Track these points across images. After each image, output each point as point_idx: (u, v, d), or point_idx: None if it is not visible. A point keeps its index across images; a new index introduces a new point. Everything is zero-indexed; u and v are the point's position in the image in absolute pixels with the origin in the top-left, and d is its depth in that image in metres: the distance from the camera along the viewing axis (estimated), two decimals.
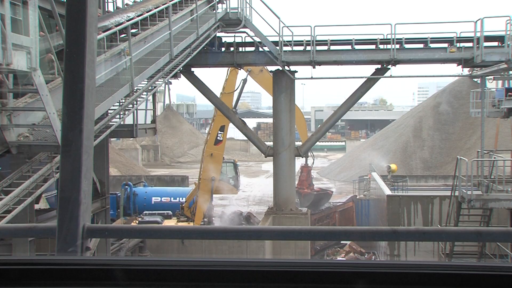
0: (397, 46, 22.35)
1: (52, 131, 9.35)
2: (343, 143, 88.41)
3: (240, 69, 26.12)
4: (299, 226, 2.66)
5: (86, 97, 2.57)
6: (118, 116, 12.95)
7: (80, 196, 2.52)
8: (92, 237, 2.56)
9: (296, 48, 23.26)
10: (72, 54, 2.58)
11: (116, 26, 13.63)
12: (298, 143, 26.07)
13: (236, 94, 27.40)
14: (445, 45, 22.49)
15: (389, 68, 23.17)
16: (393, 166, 41.24)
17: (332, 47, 23.12)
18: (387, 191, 27.48)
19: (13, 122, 9.59)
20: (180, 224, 27.54)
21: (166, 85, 73.58)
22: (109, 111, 12.65)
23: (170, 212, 28.74)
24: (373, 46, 23.00)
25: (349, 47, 23.05)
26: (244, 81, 27.05)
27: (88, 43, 2.58)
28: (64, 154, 2.59)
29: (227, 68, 26.68)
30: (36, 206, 15.66)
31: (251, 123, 66.51)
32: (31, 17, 8.02)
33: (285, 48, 23.06)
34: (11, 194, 9.43)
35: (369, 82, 23.84)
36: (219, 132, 27.99)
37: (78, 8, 2.56)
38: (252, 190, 49.74)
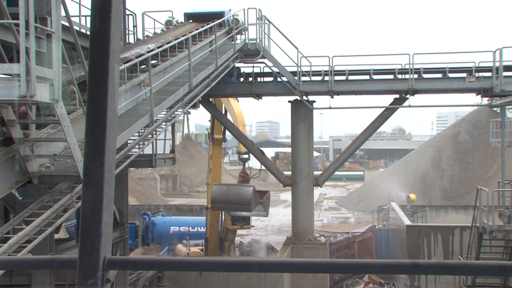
0: (415, 76, 22.33)
1: (72, 162, 9.44)
2: (362, 173, 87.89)
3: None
4: (319, 259, 2.63)
5: (108, 129, 2.60)
6: (137, 146, 13.04)
7: (101, 228, 2.53)
8: (113, 269, 2.56)
9: (314, 78, 23.35)
10: (95, 88, 2.61)
11: (137, 57, 13.83)
12: (317, 173, 25.97)
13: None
14: (464, 75, 22.43)
15: (408, 98, 23.12)
16: (413, 196, 40.89)
17: (350, 77, 23.17)
18: (407, 221, 27.17)
19: (35, 153, 9.71)
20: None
21: (185, 115, 74.07)
22: (129, 141, 12.76)
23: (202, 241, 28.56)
24: (391, 76, 23.00)
25: (367, 77, 23.08)
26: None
27: (110, 77, 2.62)
28: (85, 186, 2.61)
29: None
30: (56, 236, 15.72)
31: (269, 152, 66.55)
32: (54, 50, 8.17)
33: (303, 78, 23.17)
34: (32, 224, 9.50)
35: (388, 112, 23.80)
36: (210, 161, 28.44)
37: (101, 42, 2.61)
38: (270, 220, 49.45)
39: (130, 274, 18.75)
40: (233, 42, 21.81)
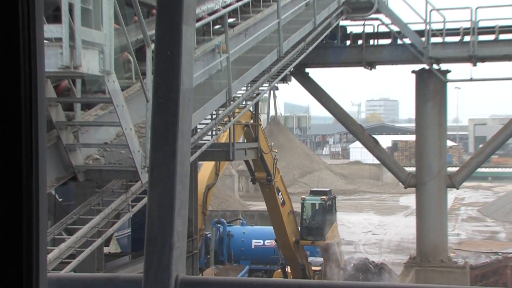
0: None
1: (128, 152, 9.65)
2: None
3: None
4: (458, 286, 2.59)
5: (181, 109, 2.62)
6: (210, 133, 13.24)
7: (173, 239, 2.58)
8: None
9: (449, 39, 22.87)
10: (164, 56, 2.64)
11: (210, 15, 14.00)
12: (452, 170, 25.48)
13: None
14: None
15: None
16: None
17: (502, 36, 22.53)
18: None
19: (80, 141, 9.99)
20: None
21: (272, 92, 74.41)
22: (199, 126, 12.96)
23: None
24: None
25: None
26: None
27: (184, 41, 2.64)
28: (152, 184, 2.66)
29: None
30: (105, 249, 16.24)
31: (384, 141, 65.77)
32: (105, 6, 8.36)
33: (433, 40, 22.74)
34: (77, 233, 9.79)
35: None
36: None
37: None
38: (386, 233, 49.02)
39: None
40: None
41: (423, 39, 22.70)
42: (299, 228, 28.31)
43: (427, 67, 23.20)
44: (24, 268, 1.60)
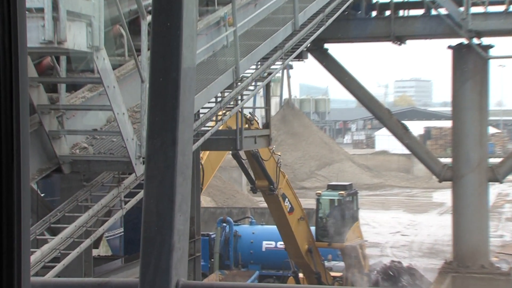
0: None
1: (120, 140, 9.66)
2: None
3: None
4: None
5: (182, 91, 2.63)
6: (215, 118, 13.23)
7: (173, 239, 2.59)
8: None
9: (491, 8, 22.79)
10: (162, 29, 2.64)
11: None
12: (494, 161, 25.43)
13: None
14: None
15: None
16: None
17: None
18: None
19: (65, 127, 10.00)
20: None
21: (285, 71, 74.28)
22: (202, 111, 12.95)
23: None
24: None
25: None
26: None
27: (185, 12, 2.64)
28: (149, 177, 2.67)
29: None
30: (94, 252, 16.28)
31: (416, 127, 65.59)
32: None
33: (473, 9, 22.64)
34: (62, 233, 9.81)
35: None
36: None
37: None
38: (417, 234, 48.98)
39: None
40: None
41: (462, 9, 22.61)
42: (314, 227, 28.25)
43: (466, 41, 23.12)
44: (4, 272, 1.60)
